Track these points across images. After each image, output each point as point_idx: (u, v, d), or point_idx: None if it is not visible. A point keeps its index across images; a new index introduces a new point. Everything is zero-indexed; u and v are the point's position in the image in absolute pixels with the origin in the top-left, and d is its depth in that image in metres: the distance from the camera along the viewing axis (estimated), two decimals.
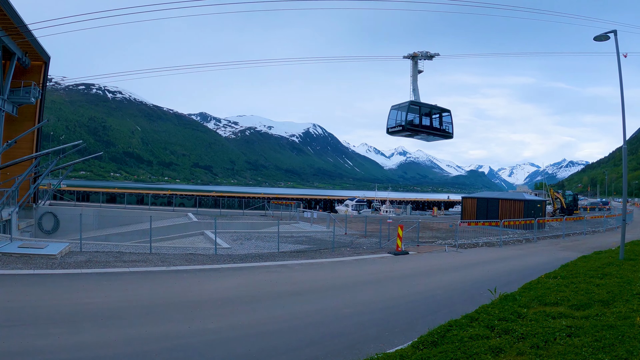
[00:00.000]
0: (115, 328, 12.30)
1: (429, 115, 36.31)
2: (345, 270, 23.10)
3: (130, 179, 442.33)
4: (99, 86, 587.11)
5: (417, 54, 36.77)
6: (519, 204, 47.24)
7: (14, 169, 46.10)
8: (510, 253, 30.31)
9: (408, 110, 35.39)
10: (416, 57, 36.77)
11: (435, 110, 36.73)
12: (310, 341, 11.73)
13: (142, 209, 62.19)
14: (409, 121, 35.21)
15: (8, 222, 39.90)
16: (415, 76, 36.91)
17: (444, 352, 8.88)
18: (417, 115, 35.64)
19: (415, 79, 36.90)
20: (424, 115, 36.02)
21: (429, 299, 16.49)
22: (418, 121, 35.61)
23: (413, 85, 36.92)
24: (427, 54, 36.82)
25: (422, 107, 36.07)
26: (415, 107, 35.65)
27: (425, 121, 36.02)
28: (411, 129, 35.51)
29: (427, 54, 36.83)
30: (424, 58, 36.95)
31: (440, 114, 36.95)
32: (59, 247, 24.09)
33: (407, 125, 35.12)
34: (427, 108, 36.38)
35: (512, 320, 10.80)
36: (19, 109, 49.31)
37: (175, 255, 25.34)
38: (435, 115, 36.71)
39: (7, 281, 17.20)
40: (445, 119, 37.24)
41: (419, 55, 36.78)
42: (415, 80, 36.89)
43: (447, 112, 37.30)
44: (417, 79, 36.95)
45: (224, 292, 17.21)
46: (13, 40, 43.45)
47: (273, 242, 31.53)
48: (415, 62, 36.92)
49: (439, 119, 36.96)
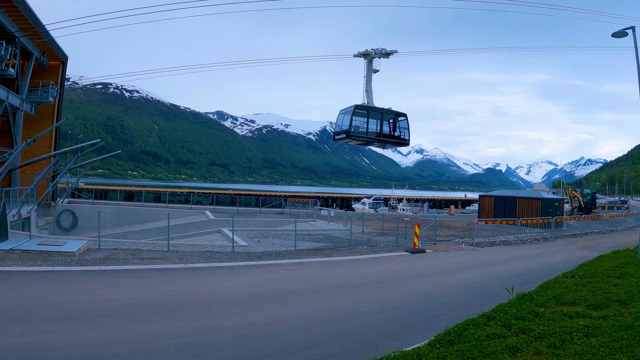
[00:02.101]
0: (133, 324, 12.44)
1: (379, 120, 34.59)
2: (362, 268, 23.12)
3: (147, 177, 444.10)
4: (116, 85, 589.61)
5: (370, 52, 35.18)
6: (536, 202, 46.94)
7: (32, 167, 46.38)
8: (527, 252, 30.14)
9: (353, 115, 33.59)
10: (368, 55, 35.22)
11: (387, 114, 35.01)
12: (327, 339, 11.78)
13: (159, 207, 62.36)
14: (354, 127, 33.52)
15: (27, 219, 40.20)
16: (370, 76, 35.46)
17: (461, 350, 8.89)
18: (365, 120, 33.98)
19: (369, 79, 35.44)
20: (373, 120, 34.37)
21: (446, 297, 16.47)
22: (365, 127, 33.93)
23: (366, 86, 35.39)
24: (383, 51, 35.10)
25: (371, 112, 34.35)
26: (362, 111, 33.99)
27: (374, 127, 34.37)
28: (356, 137, 33.85)
29: (382, 52, 35.11)
30: (379, 56, 35.31)
31: (394, 118, 35.25)
32: (78, 244, 24.24)
33: (352, 132, 33.43)
34: (378, 112, 34.59)
35: (529, 319, 10.78)
36: (38, 109, 49.75)
37: (193, 252, 25.42)
38: (388, 120, 35.05)
39: (26, 278, 17.34)
40: (400, 124, 35.50)
41: (371, 54, 35.19)
42: (369, 80, 35.41)
43: (402, 117, 35.48)
44: (371, 79, 35.50)
45: (241, 289, 17.25)
46: (31, 41, 43.78)
47: (290, 240, 31.56)
48: (370, 60, 35.38)
49: (392, 124, 35.30)
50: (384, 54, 35.05)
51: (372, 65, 35.37)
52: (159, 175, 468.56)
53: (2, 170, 35.26)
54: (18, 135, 45.58)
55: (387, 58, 35.56)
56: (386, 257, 26.67)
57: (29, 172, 46.63)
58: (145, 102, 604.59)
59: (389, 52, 35.01)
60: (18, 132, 45.81)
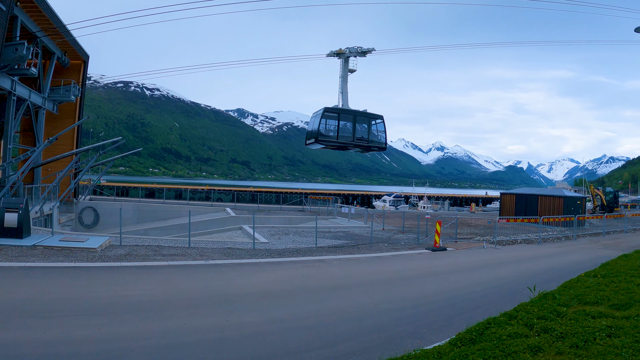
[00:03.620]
0: (154, 320, 12.51)
1: (352, 124, 33.06)
2: (382, 265, 23.08)
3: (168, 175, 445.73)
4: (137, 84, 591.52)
5: (344, 51, 33.70)
6: (558, 200, 46.66)
7: (55, 165, 46.81)
8: (549, 250, 29.98)
9: (322, 118, 32.33)
10: (343, 54, 33.79)
11: (361, 117, 33.43)
12: (348, 336, 11.77)
13: (180, 204, 62.69)
14: (323, 131, 32.24)
15: (49, 216, 40.47)
16: (345, 76, 34.00)
17: (482, 349, 8.84)
18: (335, 124, 32.61)
19: (345, 79, 33.98)
20: (345, 123, 32.97)
21: (466, 296, 16.40)
22: (336, 131, 32.51)
23: (341, 87, 33.93)
24: (359, 49, 33.66)
25: (343, 114, 32.89)
26: (333, 114, 32.64)
27: (346, 131, 32.89)
28: (325, 141, 32.65)
29: (358, 50, 33.66)
30: (354, 55, 33.91)
31: (368, 122, 33.72)
32: (99, 240, 24.43)
33: (320, 136, 32.19)
34: (350, 115, 33.04)
35: (551, 319, 10.69)
36: (60, 107, 50.17)
37: (214, 249, 25.55)
38: (361, 123, 33.45)
39: (49, 273, 17.55)
40: (375, 128, 34.04)
41: (346, 53, 33.74)
42: (345, 81, 33.96)
43: (378, 119, 33.97)
44: (347, 79, 34.03)
45: (261, 286, 17.31)
46: (52, 40, 44.20)
47: (311, 237, 31.60)
48: (346, 60, 33.94)
49: (367, 128, 33.75)
50: (360, 53, 33.83)
51: (349, 65, 34.14)
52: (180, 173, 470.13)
53: (25, 167, 35.62)
54: (40, 134, 46.00)
55: (363, 57, 34.32)
56: (407, 254, 26.66)
57: (51, 170, 47.10)
58: (166, 100, 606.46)
59: (365, 51, 33.74)
60: (40, 130, 46.22)
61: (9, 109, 38.24)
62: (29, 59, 37.19)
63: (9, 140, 38.89)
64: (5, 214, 23.63)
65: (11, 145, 39.31)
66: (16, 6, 35.54)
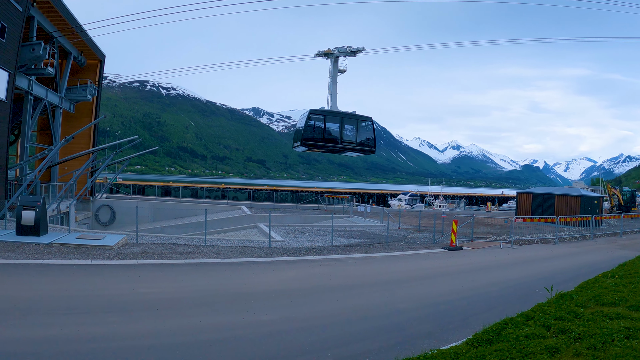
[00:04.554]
0: (170, 318, 12.58)
1: (340, 126, 32.32)
2: (399, 265, 23.08)
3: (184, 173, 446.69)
4: (152, 83, 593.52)
5: (332, 51, 32.81)
6: (575, 200, 46.43)
7: (72, 163, 47.13)
8: (566, 250, 29.84)
9: (307, 120, 31.63)
10: (331, 54, 32.94)
11: (349, 119, 32.64)
12: (364, 335, 11.79)
13: (196, 202, 62.92)
14: (308, 134, 31.46)
15: (66, 214, 40.74)
16: (335, 77, 33.20)
17: (499, 350, 8.81)
18: (322, 126, 31.84)
19: (334, 80, 33.19)
20: (332, 125, 32.20)
21: (483, 296, 16.37)
22: (321, 134, 31.74)
23: (330, 88, 33.17)
24: (348, 49, 32.73)
25: (330, 116, 32.19)
26: (318, 116, 31.88)
27: (332, 133, 32.13)
28: (311, 144, 31.96)
29: (347, 50, 32.74)
30: (343, 55, 32.99)
31: (357, 123, 32.85)
32: (116, 238, 24.55)
33: (305, 139, 31.44)
34: (337, 117, 32.34)
35: (568, 320, 10.63)
36: (76, 106, 50.50)
37: (230, 247, 25.61)
38: (349, 125, 32.64)
39: (66, 271, 17.67)
40: (363, 130, 33.14)
41: (334, 52, 32.84)
42: (334, 82, 33.20)
43: (366, 121, 33.26)
44: (336, 80, 33.27)
45: (278, 284, 17.39)
46: (69, 40, 44.54)
47: (326, 236, 31.61)
48: (335, 60, 33.07)
49: (355, 130, 32.85)
50: (350, 53, 32.95)
51: (338, 65, 33.33)
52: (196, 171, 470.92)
53: (42, 166, 35.80)
54: (57, 133, 46.30)
55: (353, 57, 33.49)
56: (423, 254, 26.64)
57: (68, 168, 47.45)
58: (181, 99, 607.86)
59: (355, 50, 32.88)
60: (57, 129, 46.52)
61: (26, 108, 38.52)
62: (46, 59, 37.48)
63: (27, 139, 39.20)
64: (22, 211, 23.82)
65: (28, 144, 39.65)
66: (32, 7, 35.81)
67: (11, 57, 32.10)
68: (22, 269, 17.43)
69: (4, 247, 21.16)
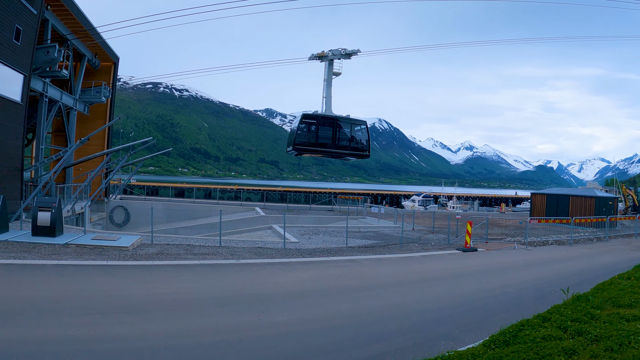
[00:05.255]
0: (187, 318, 12.64)
1: (333, 130, 32.01)
2: (413, 266, 23.14)
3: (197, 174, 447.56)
4: (166, 85, 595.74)
5: (327, 54, 32.62)
6: (589, 200, 46.25)
7: (86, 164, 47.47)
8: (581, 252, 29.74)
9: (300, 124, 31.60)
10: (325, 57, 32.70)
11: (343, 123, 32.45)
12: (380, 336, 11.81)
13: (210, 203, 63.08)
14: (300, 139, 31.44)
15: (81, 215, 40.97)
16: (330, 80, 32.87)
17: (516, 352, 8.80)
18: (314, 130, 31.69)
19: (330, 83, 32.85)
20: (325, 129, 31.85)
21: (499, 297, 16.35)
22: (314, 138, 31.58)
23: (325, 91, 32.89)
24: (343, 51, 32.53)
25: (323, 120, 31.91)
26: (311, 120, 31.85)
27: (325, 138, 31.83)
28: (303, 149, 31.99)
29: (342, 53, 32.54)
30: (338, 57, 32.75)
31: (351, 127, 32.80)
32: (131, 239, 24.70)
33: (298, 143, 31.45)
34: (330, 121, 32.01)
35: (585, 321, 10.60)
36: (90, 108, 50.96)
37: (245, 248, 25.71)
38: (343, 129, 32.46)
39: (81, 271, 17.77)
40: (357, 134, 33.06)
41: (329, 55, 32.64)
42: (329, 85, 32.87)
43: (361, 125, 33.23)
44: (331, 83, 32.91)
45: (293, 285, 17.46)
46: (83, 43, 44.93)
47: (340, 237, 31.64)
48: (330, 63, 32.80)
49: (349, 134, 32.77)
50: (345, 55, 32.80)
51: (333, 68, 33.11)
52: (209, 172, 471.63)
53: (57, 167, 36.01)
54: (72, 134, 46.70)
55: (348, 59, 33.26)
56: (438, 255, 26.61)
57: (83, 170, 47.84)
58: (194, 100, 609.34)
59: (350, 53, 32.72)
60: (72, 131, 46.93)
61: (41, 110, 38.79)
62: (60, 62, 37.73)
63: (42, 141, 39.45)
64: (38, 212, 23.99)
65: (43, 146, 39.90)
66: (47, 10, 36.10)
67: (26, 60, 32.32)
68: (38, 269, 17.56)
69: (20, 248, 21.32)
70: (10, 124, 31.22)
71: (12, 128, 31.55)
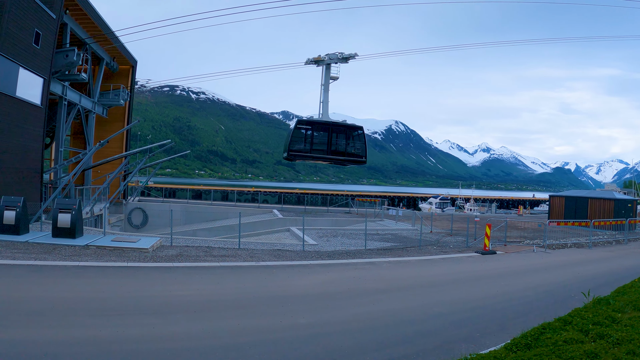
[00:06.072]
0: (207, 320, 12.73)
1: (328, 136, 31.65)
2: (433, 268, 23.10)
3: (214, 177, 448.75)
4: (182, 87, 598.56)
5: (323, 58, 32.19)
6: (608, 203, 45.92)
7: (105, 167, 47.82)
8: (600, 255, 29.60)
9: (294, 130, 31.42)
10: (321, 61, 32.30)
11: (339, 128, 32.12)
12: (401, 339, 11.80)
13: (227, 206, 63.32)
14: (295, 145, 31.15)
15: (99, 217, 41.28)
16: (327, 85, 32.70)
17: (539, 355, 8.80)
18: (310, 136, 31.41)
19: (327, 88, 32.69)
20: (321, 135, 31.55)
21: (519, 300, 16.30)
22: (309, 144, 31.34)
23: (322, 96, 32.67)
24: (340, 55, 32.18)
25: (318, 126, 31.69)
26: (306, 126, 31.69)
27: (320, 144, 31.55)
28: (298, 155, 31.73)
29: (339, 57, 32.16)
30: (335, 61, 32.34)
31: (347, 133, 32.33)
32: (151, 241, 24.86)
33: (292, 150, 31.18)
34: (326, 127, 31.76)
35: (606, 325, 10.59)
36: (109, 111, 51.51)
37: (264, 250, 25.82)
38: (339, 135, 32.02)
39: (102, 273, 17.92)
40: (353, 140, 32.63)
41: (325, 60, 32.20)
42: (326, 89, 32.70)
43: (357, 131, 32.85)
44: (328, 88, 32.73)
45: (313, 287, 17.48)
46: (101, 47, 45.45)
47: (359, 240, 31.61)
48: (327, 67, 32.44)
49: (344, 140, 32.31)
50: (342, 59, 32.40)
51: (330, 72, 32.82)
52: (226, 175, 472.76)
53: (77, 169, 36.25)
54: (90, 137, 47.14)
55: (345, 63, 32.83)
56: (456, 257, 26.61)
57: (101, 172, 48.17)
58: (211, 103, 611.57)
59: (347, 57, 32.31)
60: (90, 134, 47.39)
61: (60, 113, 39.17)
62: (79, 65, 38.07)
63: (61, 143, 39.82)
64: (59, 214, 24.17)
65: (62, 148, 40.26)
66: (65, 14, 36.46)
67: (46, 64, 32.60)
68: (59, 270, 17.71)
69: (41, 249, 21.48)
70: (30, 127, 31.49)
71: (32, 131, 31.83)
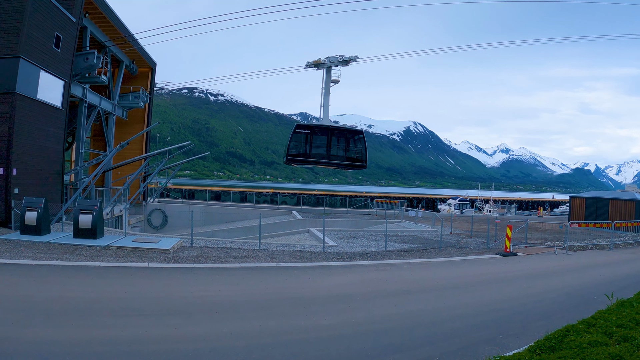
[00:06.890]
0: (229, 321, 12.78)
1: (328, 140, 31.50)
2: (453, 270, 23.03)
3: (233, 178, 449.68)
4: (201, 89, 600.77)
5: (323, 61, 31.98)
6: (630, 204, 45.53)
7: (125, 168, 48.06)
8: (622, 257, 29.38)
9: (293, 134, 31.18)
10: (321, 65, 32.14)
11: (339, 132, 31.94)
12: (424, 341, 11.80)
13: (246, 207, 63.59)
14: (294, 149, 31.03)
15: (119, 217, 41.52)
16: (328, 88, 32.41)
17: (563, 357, 8.74)
18: (309, 140, 31.17)
19: (327, 91, 32.42)
20: (320, 139, 31.37)
21: (541, 302, 16.20)
22: (308, 149, 31.17)
23: (323, 99, 32.40)
24: (340, 58, 31.92)
25: (317, 130, 31.45)
26: (305, 130, 31.34)
27: (320, 148, 31.41)
28: (296, 159, 31.58)
29: (339, 60, 31.92)
30: (335, 64, 32.14)
31: (346, 137, 32.04)
32: (171, 242, 25.02)
33: (291, 154, 31.12)
34: (325, 131, 31.52)
35: (630, 327, 10.50)
36: (129, 113, 52.02)
37: (284, 252, 25.93)
38: (339, 139, 31.84)
39: (124, 273, 18.13)
40: (353, 145, 32.27)
41: (325, 63, 32.00)
42: (327, 93, 32.44)
43: (357, 135, 32.30)
44: (329, 91, 32.49)
45: (334, 289, 17.45)
46: (121, 49, 45.80)
47: (379, 241, 31.61)
48: (328, 70, 32.25)
49: (344, 144, 32.08)
50: (343, 62, 32.20)
51: (331, 76, 32.60)
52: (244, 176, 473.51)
53: (97, 171, 36.47)
54: (110, 139, 47.56)
55: (346, 66, 32.59)
56: (477, 259, 26.59)
57: (121, 173, 48.44)
58: (229, 105, 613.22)
59: (347, 60, 32.09)
60: (110, 136, 47.84)
61: (80, 115, 39.53)
62: (99, 68, 38.43)
63: (81, 145, 40.19)
64: (80, 215, 24.35)
65: (83, 150, 40.67)
66: (85, 17, 36.74)
67: (66, 67, 32.85)
68: (81, 270, 17.91)
69: (62, 249, 21.69)
70: (51, 129, 31.74)
71: (53, 133, 32.08)
